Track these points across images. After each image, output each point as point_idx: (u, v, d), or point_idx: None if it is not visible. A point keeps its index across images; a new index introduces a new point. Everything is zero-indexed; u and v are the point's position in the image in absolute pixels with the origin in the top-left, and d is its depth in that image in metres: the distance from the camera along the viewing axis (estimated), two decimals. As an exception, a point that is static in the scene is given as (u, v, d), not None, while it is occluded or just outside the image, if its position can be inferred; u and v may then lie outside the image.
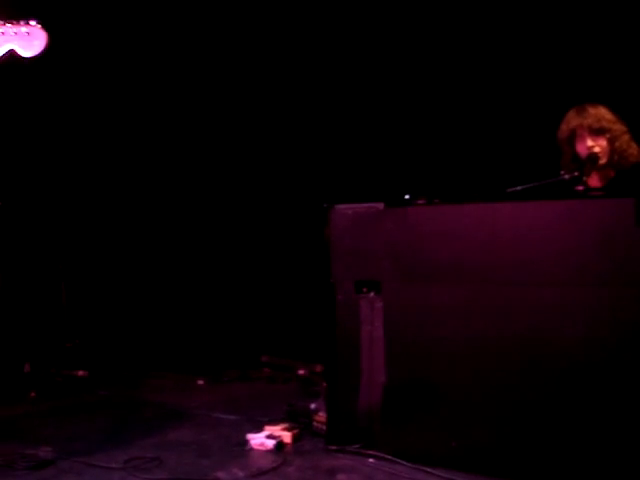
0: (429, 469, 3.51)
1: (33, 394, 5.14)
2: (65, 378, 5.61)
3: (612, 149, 3.96)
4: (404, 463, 3.59)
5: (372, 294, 3.79)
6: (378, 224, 3.78)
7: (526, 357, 3.41)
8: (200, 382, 5.57)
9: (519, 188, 3.72)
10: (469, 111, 5.39)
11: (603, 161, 3.96)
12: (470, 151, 5.34)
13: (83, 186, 6.23)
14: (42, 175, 6.04)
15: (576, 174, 3.83)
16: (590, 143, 3.96)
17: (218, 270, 6.29)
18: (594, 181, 4.03)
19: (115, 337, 6.08)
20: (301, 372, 5.59)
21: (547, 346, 3.36)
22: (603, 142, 3.96)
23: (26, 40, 3.37)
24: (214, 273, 6.29)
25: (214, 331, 6.12)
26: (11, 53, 3.39)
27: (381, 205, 3.79)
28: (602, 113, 3.98)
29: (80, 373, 5.69)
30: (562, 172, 3.91)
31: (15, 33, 3.35)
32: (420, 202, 3.74)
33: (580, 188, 3.73)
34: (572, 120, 4.04)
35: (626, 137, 3.98)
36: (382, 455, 3.68)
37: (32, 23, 3.40)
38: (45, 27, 3.41)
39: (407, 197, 3.77)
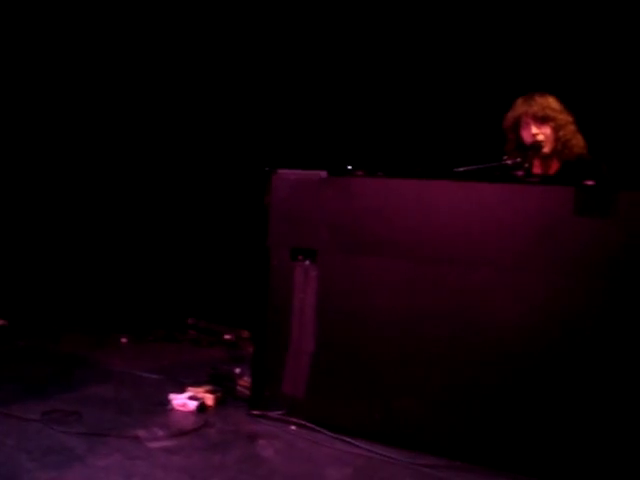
0: (350, 439, 3.53)
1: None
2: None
3: (556, 138, 4.00)
4: (326, 432, 3.60)
5: (307, 262, 3.77)
6: (319, 192, 3.76)
7: (454, 335, 3.44)
8: (123, 340, 5.49)
9: (462, 169, 3.72)
10: (420, 90, 5.39)
11: (547, 149, 4.01)
12: (419, 129, 5.34)
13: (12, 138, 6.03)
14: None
15: (518, 160, 3.85)
16: (534, 131, 3.99)
17: (149, 228, 6.18)
18: (537, 169, 4.09)
19: (38, 288, 5.92)
20: (227, 337, 5.56)
21: (476, 326, 3.40)
22: (547, 130, 4.00)
23: None
24: (145, 231, 6.18)
25: (141, 289, 6.02)
26: None
27: (324, 173, 3.76)
28: (548, 102, 4.01)
29: (-1, 322, 5.55)
30: (505, 157, 3.94)
31: None
32: (362, 173, 3.73)
33: (520, 173, 3.76)
34: (518, 108, 4.08)
35: (571, 127, 4.02)
36: (304, 423, 3.69)
37: None
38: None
39: (349, 167, 3.76)
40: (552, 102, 4.02)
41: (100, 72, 6.06)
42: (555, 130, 3.99)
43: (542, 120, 3.99)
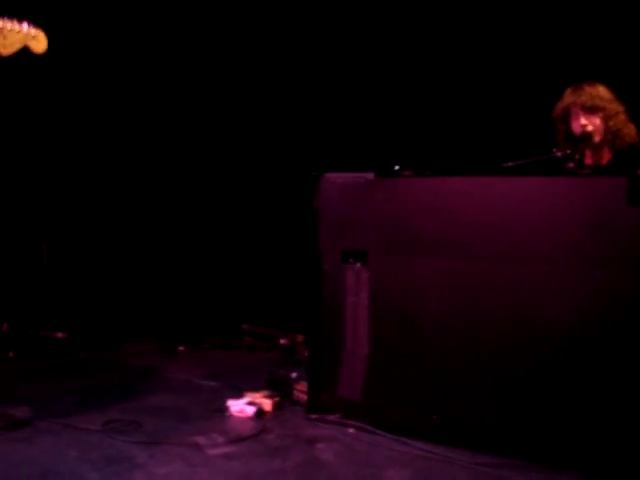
0: (409, 441, 3.51)
1: (11, 354, 5.12)
2: (44, 339, 5.56)
3: (606, 128, 3.92)
4: (384, 434, 3.59)
5: (358, 265, 3.77)
6: (367, 194, 3.75)
7: (510, 332, 3.41)
8: (180, 348, 5.55)
9: (510, 164, 3.68)
10: (465, 85, 5.33)
11: (597, 139, 3.92)
12: (464, 125, 5.28)
13: (65, 150, 6.13)
14: (24, 140, 5.93)
15: (568, 152, 3.80)
16: (583, 121, 3.92)
17: (202, 236, 6.23)
18: (589, 160, 4.01)
19: (96, 300, 6.02)
20: (283, 341, 5.58)
21: (532, 322, 3.36)
22: (596, 120, 3.92)
23: (35, 40, 3.55)
24: (198, 239, 6.24)
25: (196, 297, 6.08)
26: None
27: (371, 175, 3.75)
28: (598, 91, 3.93)
29: (59, 335, 5.64)
30: (554, 149, 3.87)
31: (27, 33, 3.52)
32: (410, 173, 3.72)
33: (571, 165, 3.70)
34: (567, 98, 4.00)
35: (622, 117, 3.93)
36: (362, 425, 3.68)
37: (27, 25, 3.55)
38: (44, 25, 3.58)
39: (397, 168, 3.74)
40: (602, 91, 3.93)
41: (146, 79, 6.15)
42: (605, 120, 3.90)
43: (591, 110, 3.90)
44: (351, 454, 3.43)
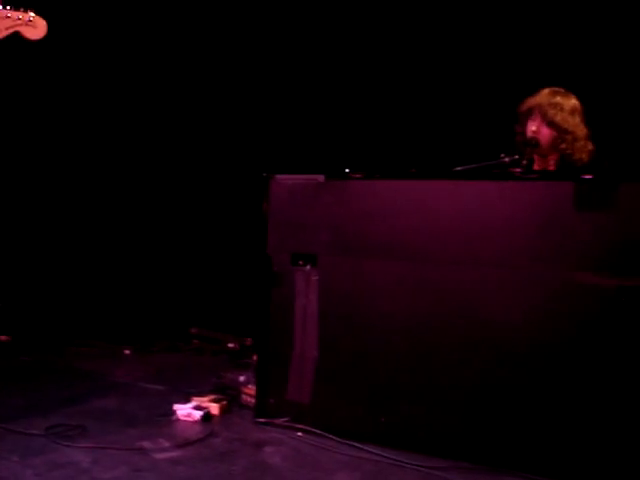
0: (358, 444, 3.51)
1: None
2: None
3: (555, 145, 3.91)
4: (333, 437, 3.58)
5: (308, 267, 3.76)
6: (317, 196, 3.75)
7: (458, 336, 3.42)
8: (127, 352, 5.48)
9: (459, 168, 3.70)
10: (417, 89, 5.36)
11: (543, 149, 3.93)
12: (416, 129, 5.31)
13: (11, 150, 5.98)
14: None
15: (516, 157, 3.82)
16: (534, 128, 3.93)
17: (149, 239, 6.16)
18: (536, 166, 4.02)
19: (41, 302, 5.90)
20: (231, 345, 5.54)
21: (479, 325, 3.38)
22: (548, 135, 3.90)
23: (30, 26, 3.53)
24: (145, 242, 6.16)
25: (143, 301, 6.01)
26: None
27: (321, 177, 3.75)
28: (568, 108, 3.88)
29: (2, 338, 5.53)
30: (502, 155, 3.88)
31: (19, 18, 3.50)
32: (360, 176, 3.72)
33: (518, 170, 3.72)
34: (538, 97, 3.96)
35: (578, 143, 3.88)
36: (311, 429, 3.67)
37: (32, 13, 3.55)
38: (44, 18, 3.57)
39: (347, 171, 3.74)
40: (570, 110, 3.88)
41: (94, 76, 6.04)
42: (557, 139, 3.88)
43: (549, 124, 3.89)
44: (299, 458, 3.41)
